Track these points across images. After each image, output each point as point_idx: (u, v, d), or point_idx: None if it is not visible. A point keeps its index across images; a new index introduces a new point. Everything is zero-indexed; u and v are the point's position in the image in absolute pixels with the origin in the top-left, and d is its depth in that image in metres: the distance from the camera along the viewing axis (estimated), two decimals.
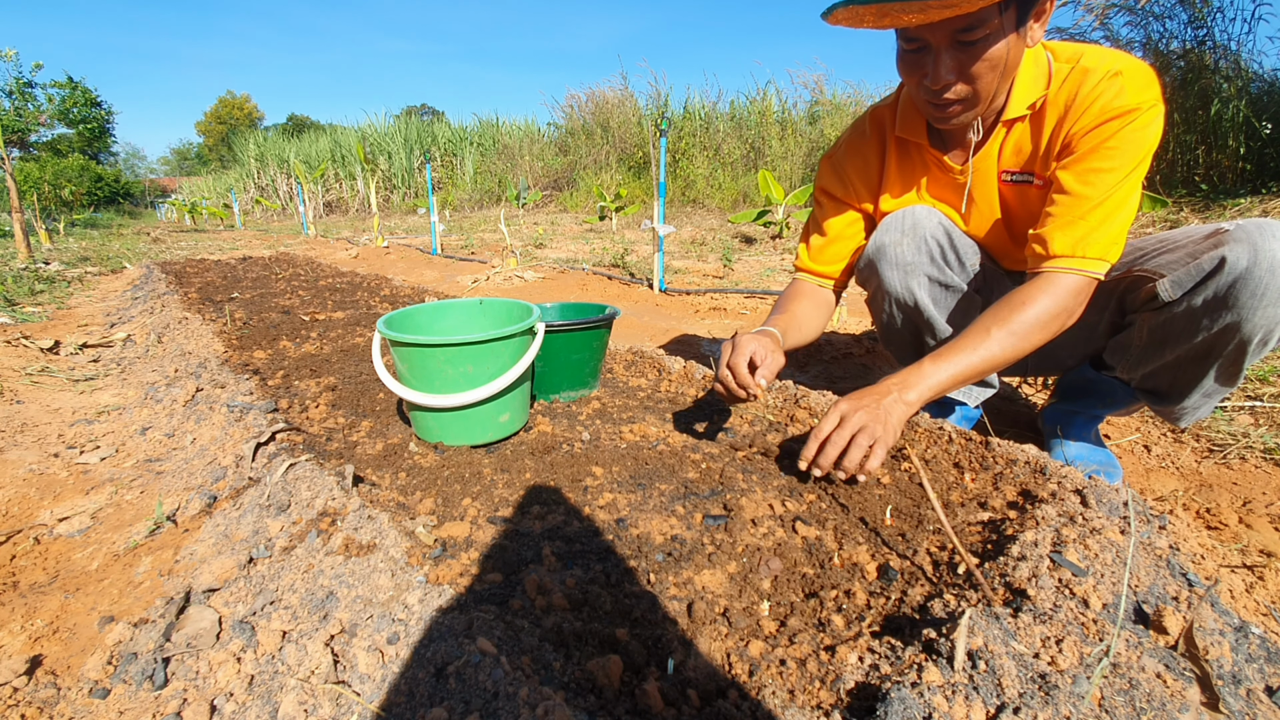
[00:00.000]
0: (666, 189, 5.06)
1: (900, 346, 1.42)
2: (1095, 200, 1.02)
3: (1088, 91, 1.04)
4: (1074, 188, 1.04)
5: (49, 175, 21.03)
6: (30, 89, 9.51)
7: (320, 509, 0.99)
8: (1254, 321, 0.98)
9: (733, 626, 0.75)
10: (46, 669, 0.80)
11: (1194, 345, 1.07)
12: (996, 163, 1.19)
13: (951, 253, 1.27)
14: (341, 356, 2.06)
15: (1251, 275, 0.96)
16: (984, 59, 1.02)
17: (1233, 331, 1.01)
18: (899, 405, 1.01)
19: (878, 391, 1.03)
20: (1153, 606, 0.72)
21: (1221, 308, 1.00)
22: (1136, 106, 1.01)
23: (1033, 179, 1.15)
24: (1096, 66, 1.04)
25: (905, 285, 1.27)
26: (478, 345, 1.19)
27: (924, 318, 1.30)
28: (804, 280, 1.42)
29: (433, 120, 16.64)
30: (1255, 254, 0.95)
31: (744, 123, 9.81)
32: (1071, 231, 1.04)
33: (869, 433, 0.97)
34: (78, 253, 6.68)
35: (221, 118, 51.74)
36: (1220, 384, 1.11)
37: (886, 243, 1.26)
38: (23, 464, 1.42)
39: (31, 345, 2.43)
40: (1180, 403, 1.16)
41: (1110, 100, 1.02)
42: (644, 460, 1.19)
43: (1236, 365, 1.06)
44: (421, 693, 0.62)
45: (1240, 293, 0.98)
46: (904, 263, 1.25)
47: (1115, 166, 1.02)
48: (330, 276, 4.17)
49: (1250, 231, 0.97)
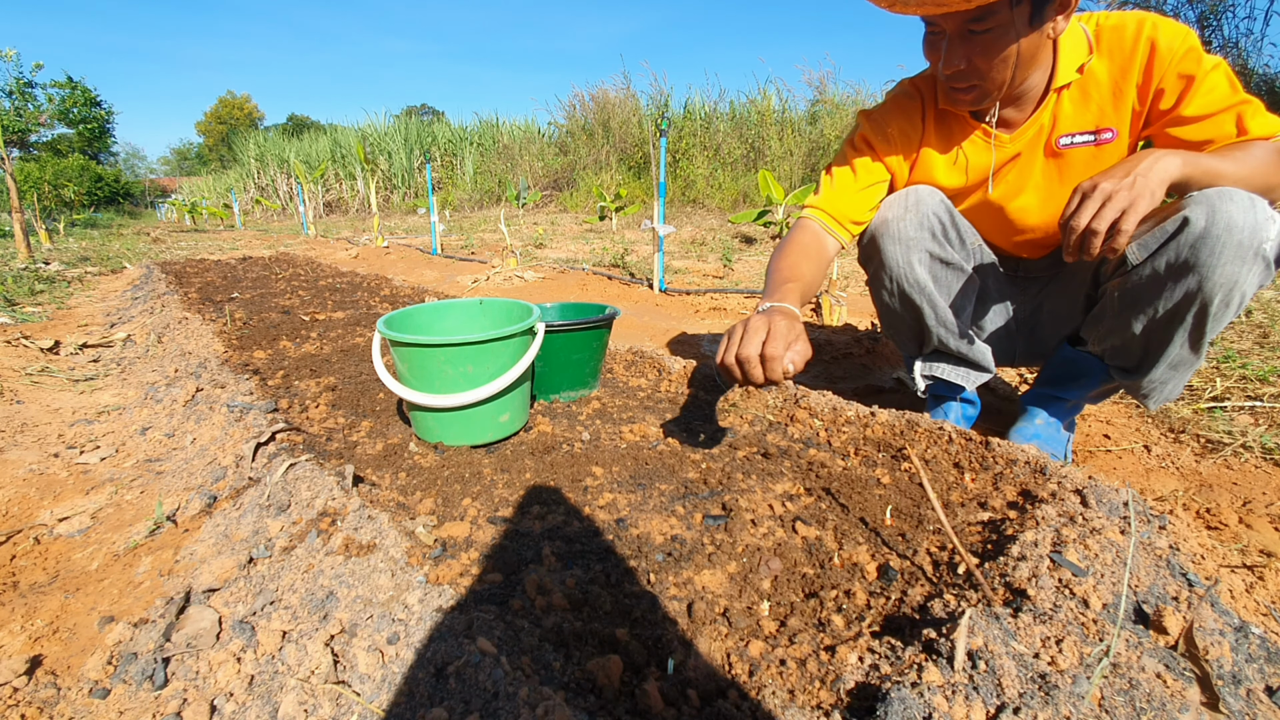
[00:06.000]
0: (666, 189, 5.06)
1: (900, 329, 1.43)
2: (1233, 101, 1.07)
3: (1151, 43, 1.10)
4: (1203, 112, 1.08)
5: (49, 175, 21.02)
6: (30, 89, 9.50)
7: (320, 509, 0.99)
8: (1214, 279, 1.01)
9: (733, 626, 0.75)
10: (46, 669, 0.80)
11: (1161, 310, 1.09)
12: (1050, 131, 1.22)
13: (953, 230, 1.31)
14: (341, 356, 2.06)
15: (1209, 234, 0.99)
16: (992, 50, 1.07)
17: (1195, 292, 1.04)
18: (1158, 165, 0.98)
19: (1126, 161, 1.01)
20: (1153, 606, 0.72)
21: (1184, 268, 1.03)
22: (1186, 33, 1.09)
23: (1096, 137, 1.19)
24: (1124, 21, 1.13)
25: (906, 260, 1.28)
26: (478, 345, 1.19)
27: (924, 293, 1.32)
28: (815, 224, 1.33)
29: (433, 120, 16.64)
30: (1213, 213, 0.99)
31: (744, 123, 9.81)
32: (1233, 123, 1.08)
33: (1121, 196, 0.95)
34: (78, 253, 6.68)
35: (221, 118, 51.74)
36: (1187, 352, 1.13)
37: (889, 218, 1.29)
38: (23, 464, 1.42)
39: (31, 345, 2.43)
40: (1148, 374, 1.18)
41: (1170, 42, 1.09)
42: (644, 460, 1.19)
43: (1200, 329, 1.08)
44: (421, 693, 0.62)
45: (1200, 251, 1.00)
46: (905, 238, 1.27)
47: (1215, 87, 1.07)
48: (330, 276, 4.17)
49: (1209, 195, 1.01)
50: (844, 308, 2.61)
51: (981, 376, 1.44)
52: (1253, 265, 1.00)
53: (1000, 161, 1.27)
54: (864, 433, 1.27)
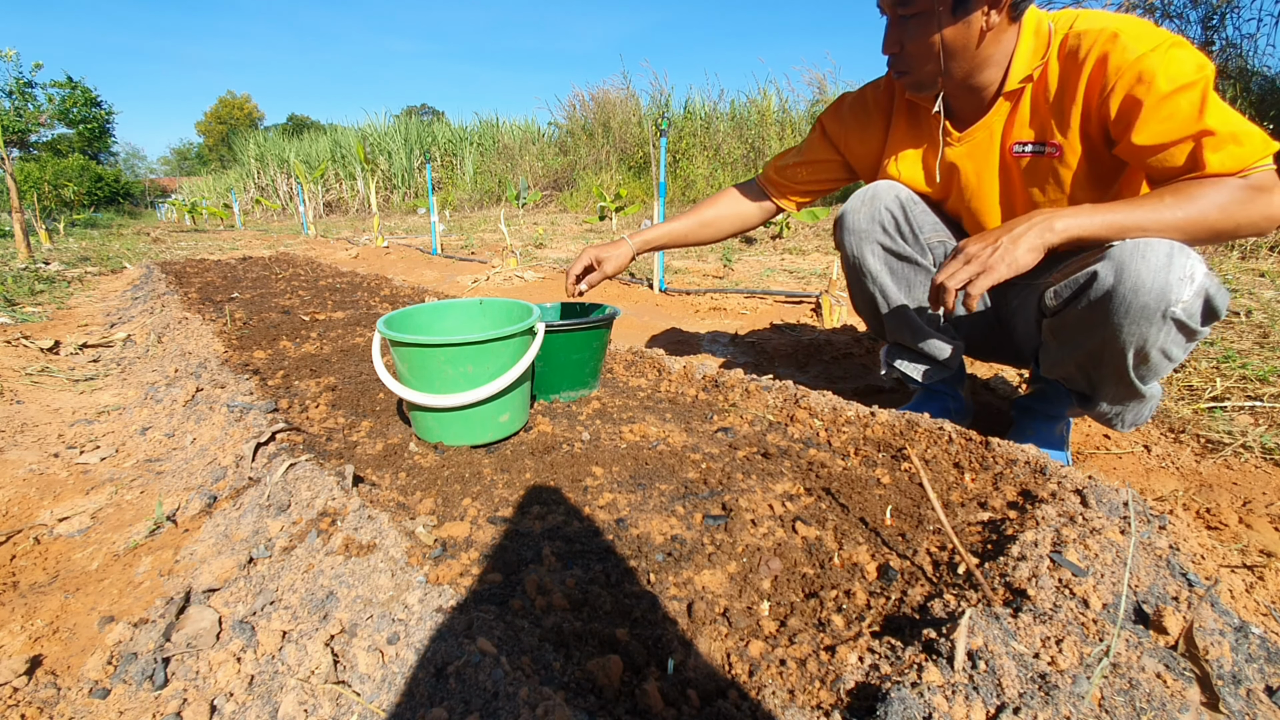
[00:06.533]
0: (667, 189, 5.06)
1: (864, 310, 1.49)
2: (1191, 131, 0.96)
3: (1099, 60, 1.02)
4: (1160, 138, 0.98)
5: (49, 175, 21.01)
6: (30, 89, 9.51)
7: (320, 509, 0.99)
8: (1122, 337, 0.99)
9: (733, 626, 0.75)
10: (46, 669, 0.80)
11: (1086, 352, 1.08)
12: (1002, 136, 1.21)
13: (906, 225, 1.34)
14: (341, 356, 2.06)
15: (1115, 293, 0.96)
16: (918, 36, 1.12)
17: (1110, 343, 1.02)
18: (1031, 232, 0.97)
19: (1012, 223, 1.00)
20: (1153, 606, 0.72)
21: (1096, 320, 1.02)
22: (1155, 47, 0.97)
23: (1045, 149, 1.16)
24: (1089, 28, 1.05)
25: (859, 250, 1.37)
26: (478, 345, 1.19)
27: (876, 283, 1.38)
28: (754, 184, 1.58)
29: (433, 120, 16.63)
30: (1120, 272, 0.95)
31: (744, 123, 9.80)
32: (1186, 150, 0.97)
33: (978, 261, 0.99)
34: (78, 253, 6.68)
35: (221, 118, 51.72)
36: (1122, 395, 1.11)
37: (848, 209, 1.37)
38: (23, 464, 1.42)
39: (31, 345, 2.43)
40: (1097, 406, 1.18)
41: (1122, 59, 0.99)
42: (644, 460, 1.19)
43: (1124, 377, 1.05)
44: (421, 693, 0.62)
45: (1105, 308, 0.98)
46: (858, 229, 1.35)
47: (1173, 114, 0.96)
48: (330, 276, 4.17)
49: (1125, 249, 0.95)
50: (844, 308, 2.61)
51: (938, 371, 1.44)
52: (1162, 326, 0.96)
53: (955, 159, 1.27)
54: (864, 433, 1.27)
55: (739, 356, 2.30)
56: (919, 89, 1.22)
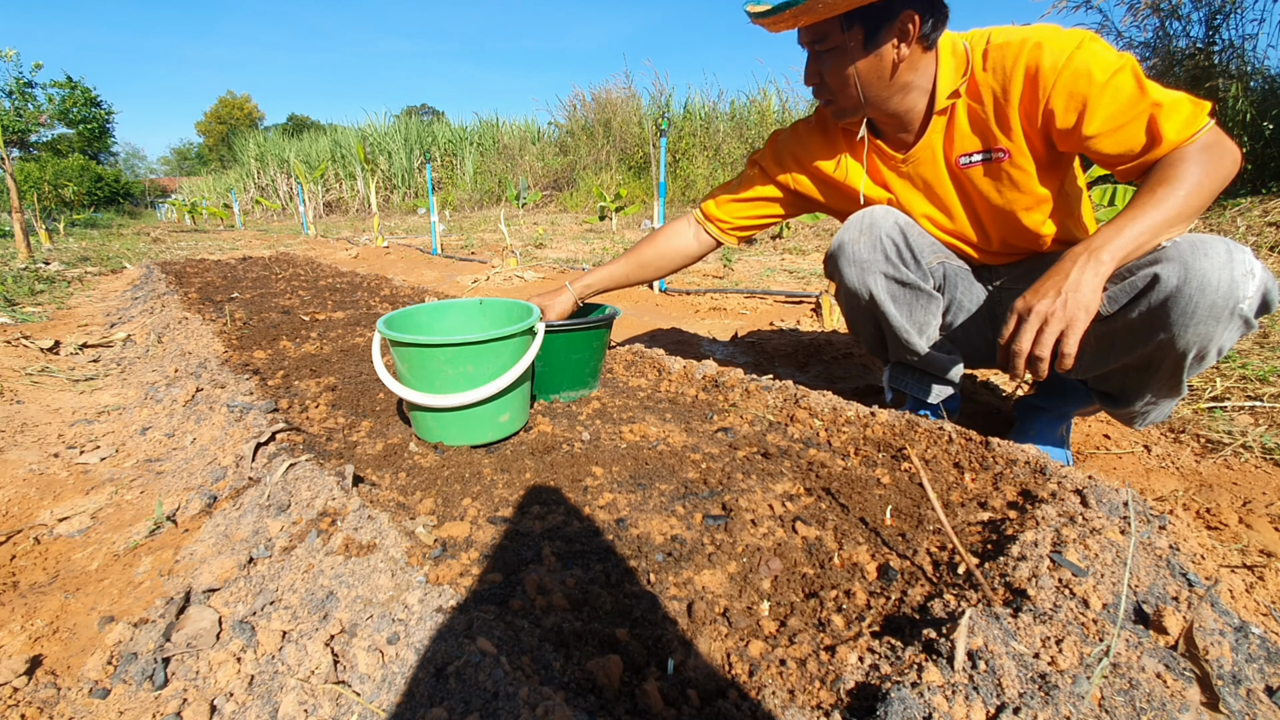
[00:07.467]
0: (667, 189, 5.06)
1: (866, 336, 1.48)
2: (1140, 108, 1.01)
3: (1029, 66, 1.08)
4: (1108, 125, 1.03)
5: (49, 175, 21.02)
6: (30, 89, 9.52)
7: (320, 509, 0.99)
8: (1186, 338, 0.98)
9: (733, 626, 0.75)
10: (46, 669, 0.80)
11: (1135, 357, 1.07)
12: (944, 151, 1.24)
13: (907, 251, 1.32)
14: (341, 356, 2.06)
15: (1181, 293, 0.95)
16: (835, 69, 1.17)
17: (1168, 346, 1.00)
18: (1086, 272, 0.95)
19: (1057, 272, 0.98)
20: (1153, 606, 0.72)
21: (1155, 324, 1.00)
22: (1078, 45, 1.04)
23: (992, 155, 1.19)
24: (1009, 40, 1.11)
25: (863, 281, 1.33)
26: (478, 345, 1.19)
27: (881, 312, 1.35)
28: (692, 220, 1.57)
29: (433, 120, 16.65)
30: (1186, 272, 0.94)
31: (744, 123, 9.81)
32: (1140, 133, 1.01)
33: (1057, 319, 0.95)
34: (78, 253, 6.68)
35: (221, 118, 51.72)
36: (1164, 394, 1.11)
37: (845, 240, 1.33)
38: (23, 464, 1.42)
39: (31, 345, 2.43)
40: (1129, 407, 1.17)
41: (1053, 62, 1.05)
42: (644, 460, 1.19)
43: (1176, 377, 1.05)
44: (421, 692, 0.62)
45: (1172, 310, 0.97)
46: (860, 260, 1.31)
47: (1115, 97, 1.02)
48: (330, 276, 4.17)
49: (1183, 249, 0.95)
50: None
51: (944, 390, 1.44)
52: (1228, 324, 0.96)
53: (906, 178, 1.32)
54: (864, 433, 1.27)
55: (739, 356, 2.30)
56: (843, 116, 1.25)
